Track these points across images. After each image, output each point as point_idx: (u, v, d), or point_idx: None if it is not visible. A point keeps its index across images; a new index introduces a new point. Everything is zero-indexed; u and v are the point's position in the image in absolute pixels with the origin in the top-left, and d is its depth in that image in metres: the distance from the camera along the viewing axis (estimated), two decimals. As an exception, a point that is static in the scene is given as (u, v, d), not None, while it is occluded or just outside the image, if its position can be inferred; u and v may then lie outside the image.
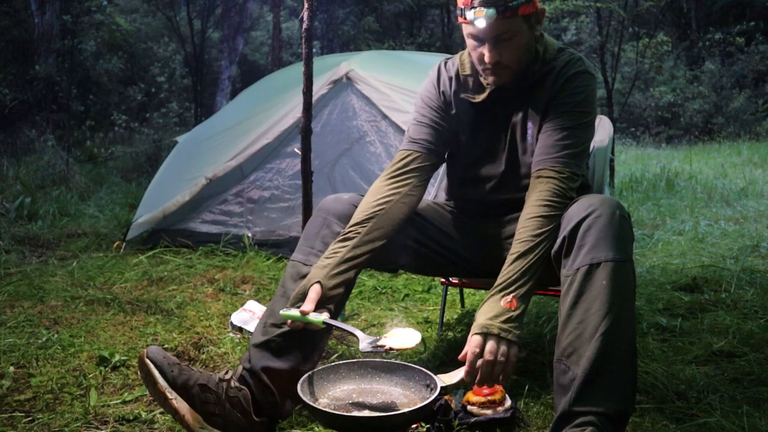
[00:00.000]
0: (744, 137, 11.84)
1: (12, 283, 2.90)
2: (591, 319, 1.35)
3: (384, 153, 3.56)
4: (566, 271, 1.42)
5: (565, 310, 1.39)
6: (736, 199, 5.44)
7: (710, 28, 15.44)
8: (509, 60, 1.61)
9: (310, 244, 1.61)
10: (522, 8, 1.54)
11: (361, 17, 15.03)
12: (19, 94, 8.85)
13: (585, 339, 1.34)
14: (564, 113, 1.62)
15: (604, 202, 1.43)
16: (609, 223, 1.40)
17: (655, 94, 14.06)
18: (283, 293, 1.57)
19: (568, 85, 1.63)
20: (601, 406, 1.30)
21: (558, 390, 1.37)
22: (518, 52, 1.60)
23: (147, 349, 1.45)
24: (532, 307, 2.57)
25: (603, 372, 1.32)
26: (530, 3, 1.56)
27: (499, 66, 1.61)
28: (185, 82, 13.64)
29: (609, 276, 1.36)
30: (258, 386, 1.48)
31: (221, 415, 1.43)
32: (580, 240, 1.41)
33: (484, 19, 1.52)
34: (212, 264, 3.38)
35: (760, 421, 1.54)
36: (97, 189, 6.01)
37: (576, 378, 1.32)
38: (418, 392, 1.46)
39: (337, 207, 1.65)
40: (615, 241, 1.39)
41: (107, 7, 10.78)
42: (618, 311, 1.35)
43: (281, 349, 1.50)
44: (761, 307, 2.45)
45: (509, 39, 1.57)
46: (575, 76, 1.64)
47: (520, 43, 1.59)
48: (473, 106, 1.74)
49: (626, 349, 1.35)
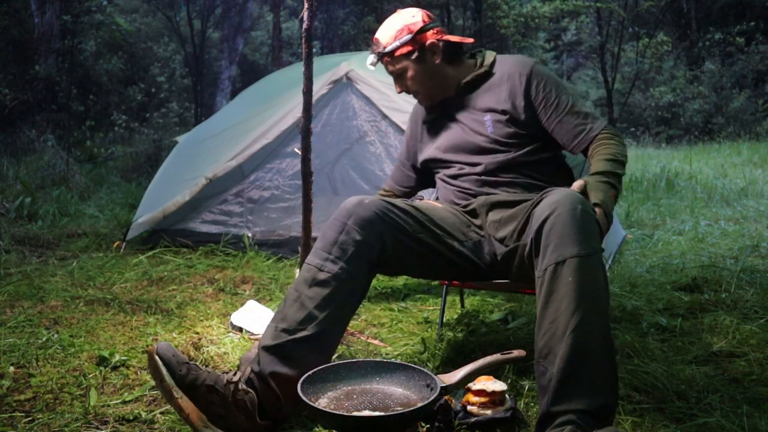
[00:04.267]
0: (744, 137, 11.85)
1: (12, 283, 2.90)
2: (561, 318, 1.35)
3: (384, 153, 3.56)
4: (537, 272, 1.44)
5: (539, 311, 1.40)
6: (736, 199, 5.44)
7: (710, 28, 15.45)
8: (413, 88, 1.95)
9: (327, 250, 1.59)
10: (398, 50, 1.89)
11: (361, 17, 15.02)
12: (19, 94, 8.85)
13: (557, 338, 1.34)
14: (556, 99, 1.85)
15: (565, 199, 1.44)
16: (571, 219, 1.41)
17: (655, 94, 14.07)
18: (297, 297, 1.55)
19: (533, 80, 1.87)
20: (580, 403, 1.30)
21: (539, 392, 1.37)
22: (414, 82, 1.93)
23: (157, 345, 1.44)
24: (531, 307, 2.57)
25: (578, 369, 1.32)
26: (405, 45, 1.89)
27: (411, 93, 1.97)
28: (185, 82, 13.66)
29: (575, 272, 1.37)
30: (265, 390, 1.48)
31: (225, 416, 1.43)
32: (545, 239, 1.42)
33: (369, 61, 1.93)
34: (212, 264, 3.38)
35: (760, 421, 1.54)
36: (97, 189, 6.02)
37: (552, 378, 1.33)
38: (418, 392, 1.46)
39: (359, 212, 1.61)
40: (578, 237, 1.39)
41: (107, 7, 10.79)
42: (587, 306, 1.35)
43: (291, 356, 1.50)
44: (761, 307, 2.45)
45: (402, 74, 1.93)
46: (532, 70, 1.88)
47: (412, 76, 1.92)
48: (432, 121, 2.03)
49: (600, 343, 1.35)
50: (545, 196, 1.52)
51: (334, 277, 1.55)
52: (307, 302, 1.54)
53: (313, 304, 1.53)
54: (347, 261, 1.57)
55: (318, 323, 1.52)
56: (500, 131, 1.87)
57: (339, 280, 1.55)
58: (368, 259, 1.60)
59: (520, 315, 2.46)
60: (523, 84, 1.86)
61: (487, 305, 2.67)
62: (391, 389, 1.50)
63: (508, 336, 2.25)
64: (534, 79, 1.86)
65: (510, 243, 1.69)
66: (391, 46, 1.89)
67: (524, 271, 1.71)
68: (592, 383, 1.32)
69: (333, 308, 1.54)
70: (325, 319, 1.53)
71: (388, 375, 1.52)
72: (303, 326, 1.51)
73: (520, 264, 1.68)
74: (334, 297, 1.54)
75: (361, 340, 2.27)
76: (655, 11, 10.73)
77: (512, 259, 1.70)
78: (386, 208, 1.65)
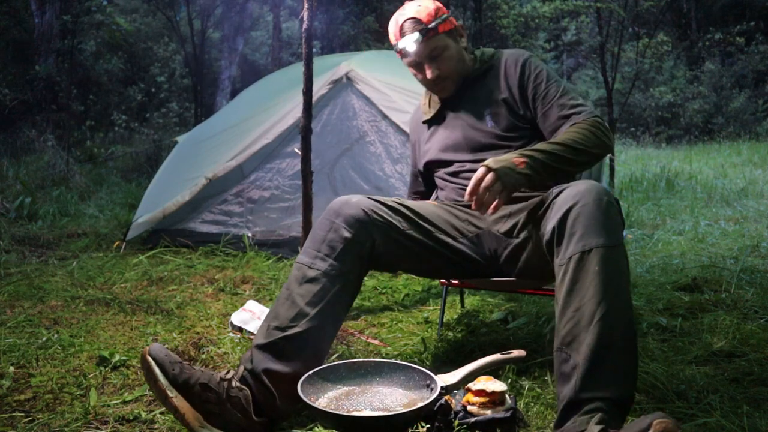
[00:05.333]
0: (744, 137, 11.85)
1: (12, 283, 2.90)
2: (587, 306, 1.36)
3: (384, 153, 3.56)
4: (559, 260, 1.44)
5: (561, 298, 1.40)
6: (736, 199, 5.44)
7: (710, 28, 15.45)
8: (447, 71, 1.89)
9: (316, 248, 1.61)
10: (441, 26, 1.85)
11: (361, 17, 15.02)
12: (19, 94, 8.85)
13: (583, 326, 1.35)
14: (545, 90, 1.83)
15: (591, 189, 1.45)
16: (597, 210, 1.41)
17: (655, 94, 14.07)
18: (288, 296, 1.57)
19: (526, 70, 1.87)
20: (607, 391, 1.31)
21: (560, 379, 1.37)
22: (452, 62, 1.89)
23: (149, 346, 1.45)
24: (531, 307, 2.57)
25: (604, 358, 1.33)
26: (447, 20, 1.86)
27: (440, 79, 1.90)
28: (185, 82, 13.66)
29: (601, 262, 1.37)
30: (259, 387, 1.48)
31: (221, 414, 1.43)
32: (570, 228, 1.42)
33: (413, 41, 1.83)
34: (212, 264, 3.38)
35: (760, 421, 1.54)
36: (97, 189, 6.02)
37: (578, 365, 1.33)
38: (418, 392, 1.46)
39: (346, 211, 1.63)
40: (604, 227, 1.40)
41: (107, 7, 10.78)
42: (613, 296, 1.36)
43: (284, 353, 1.50)
44: (761, 307, 2.45)
45: (440, 54, 1.87)
46: (525, 62, 1.88)
47: (451, 55, 1.88)
48: (433, 120, 2.03)
49: (625, 333, 1.36)
50: (567, 187, 1.51)
51: (324, 273, 1.57)
52: (297, 300, 1.55)
53: (304, 301, 1.54)
54: (336, 258, 1.58)
55: (309, 319, 1.52)
56: (500, 124, 1.88)
57: (329, 277, 1.56)
58: (358, 255, 1.61)
59: (520, 315, 2.46)
60: (517, 74, 1.87)
61: (487, 305, 2.67)
62: (391, 389, 1.50)
63: (508, 336, 2.25)
64: (527, 69, 1.87)
65: (519, 235, 1.70)
66: (435, 22, 1.84)
67: (531, 266, 1.72)
68: (618, 373, 1.34)
69: (324, 304, 1.55)
70: (316, 316, 1.53)
71: (388, 375, 1.52)
72: (294, 323, 1.52)
73: (529, 258, 1.69)
74: (324, 293, 1.55)
75: (361, 340, 2.27)
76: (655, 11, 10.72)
77: (520, 252, 1.71)
78: (374, 206, 1.67)
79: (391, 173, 3.53)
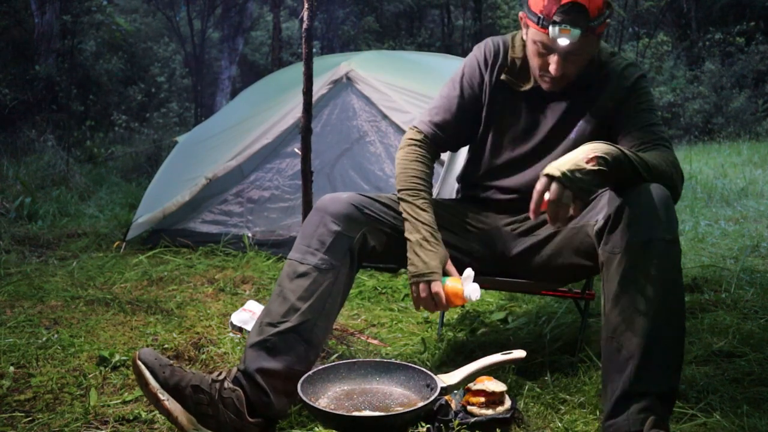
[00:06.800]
0: (744, 137, 11.83)
1: (12, 283, 2.90)
2: (644, 297, 1.36)
3: (384, 153, 3.56)
4: (610, 247, 1.43)
5: (614, 287, 1.40)
6: (736, 199, 5.44)
7: (710, 28, 15.43)
8: (572, 72, 1.65)
9: (306, 243, 1.60)
10: (600, 27, 1.59)
11: (361, 17, 15.04)
12: (19, 94, 8.84)
13: (639, 317, 1.36)
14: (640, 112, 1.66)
15: (650, 185, 1.44)
16: (659, 203, 1.41)
17: (655, 93, 14.06)
18: (280, 292, 1.57)
19: (635, 90, 1.69)
20: (658, 385, 1.34)
21: (611, 369, 1.39)
22: (582, 64, 1.66)
23: (139, 351, 1.46)
24: (531, 308, 2.57)
25: (657, 351, 1.34)
26: (605, 22, 1.60)
27: (560, 78, 1.65)
28: (185, 82, 13.66)
29: (661, 254, 1.38)
30: (252, 387, 1.48)
31: (215, 416, 1.43)
32: (629, 218, 1.41)
33: (569, 39, 1.55)
34: (212, 264, 3.38)
35: (760, 421, 1.54)
36: (97, 189, 6.01)
37: (633, 356, 1.35)
38: (418, 392, 1.46)
39: (334, 206, 1.63)
40: (665, 222, 1.40)
41: (107, 7, 10.78)
42: (670, 290, 1.37)
43: (276, 349, 1.50)
44: (761, 307, 2.45)
45: (579, 54, 1.62)
46: (638, 80, 1.70)
47: (586, 57, 1.65)
48: (514, 92, 1.77)
49: (678, 329, 1.38)
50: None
51: (314, 268, 1.56)
52: (289, 295, 1.54)
53: (295, 296, 1.54)
54: (326, 252, 1.57)
55: (301, 314, 1.52)
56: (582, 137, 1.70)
57: (319, 271, 1.56)
58: (348, 249, 1.60)
59: (520, 315, 2.46)
60: (625, 91, 1.69)
61: (487, 305, 2.67)
62: (391, 389, 1.50)
63: (508, 336, 2.25)
64: (637, 86, 1.70)
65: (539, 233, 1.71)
66: (597, 21, 1.57)
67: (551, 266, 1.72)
68: (669, 367, 1.35)
69: (315, 299, 1.54)
70: (308, 310, 1.53)
71: (388, 375, 1.52)
72: (286, 318, 1.52)
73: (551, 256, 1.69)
74: (315, 287, 1.55)
75: (361, 340, 2.27)
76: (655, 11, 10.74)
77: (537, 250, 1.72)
78: (365, 201, 1.66)
79: (391, 173, 3.53)
